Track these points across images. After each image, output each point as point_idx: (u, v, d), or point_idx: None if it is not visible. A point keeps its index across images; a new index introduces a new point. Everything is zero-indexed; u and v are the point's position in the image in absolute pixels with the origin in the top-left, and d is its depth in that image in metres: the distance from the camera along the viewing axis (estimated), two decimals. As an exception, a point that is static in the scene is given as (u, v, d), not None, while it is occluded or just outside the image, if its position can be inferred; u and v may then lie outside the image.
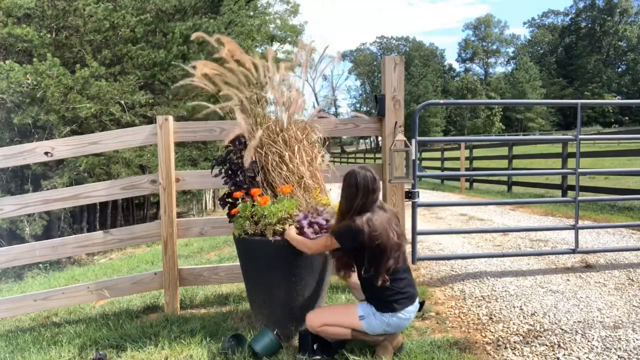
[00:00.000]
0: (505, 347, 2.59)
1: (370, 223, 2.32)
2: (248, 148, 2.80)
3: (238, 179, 2.87)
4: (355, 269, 2.52)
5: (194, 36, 3.06)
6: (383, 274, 2.33)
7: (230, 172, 2.91)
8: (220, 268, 3.59)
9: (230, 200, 2.90)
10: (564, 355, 2.46)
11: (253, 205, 2.67)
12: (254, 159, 2.85)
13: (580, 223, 4.34)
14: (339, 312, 2.48)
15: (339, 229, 2.41)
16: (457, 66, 77.49)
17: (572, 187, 8.72)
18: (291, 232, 2.59)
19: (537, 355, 2.48)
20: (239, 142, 2.90)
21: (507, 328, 2.85)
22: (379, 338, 2.44)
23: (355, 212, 2.37)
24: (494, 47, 74.53)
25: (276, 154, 2.87)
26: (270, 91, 2.90)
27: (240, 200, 2.82)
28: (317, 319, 2.45)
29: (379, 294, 2.39)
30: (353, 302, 3.35)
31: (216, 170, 2.98)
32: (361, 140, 64.38)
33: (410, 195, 3.67)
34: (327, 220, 2.71)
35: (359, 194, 2.38)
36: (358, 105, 73.24)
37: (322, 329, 2.43)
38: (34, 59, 8.44)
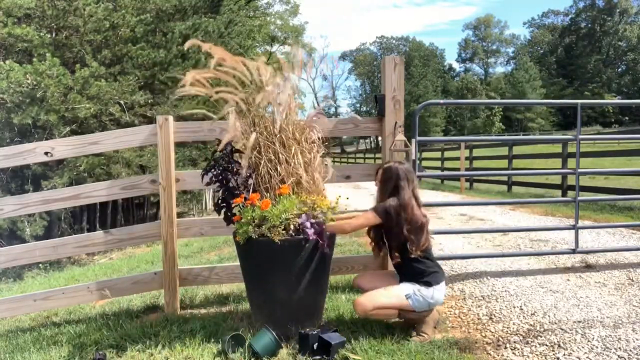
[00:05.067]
0: (505, 347, 2.59)
1: (413, 200, 2.74)
2: (246, 151, 2.79)
3: (230, 184, 2.86)
4: (388, 252, 2.90)
5: (187, 44, 3.06)
6: (421, 247, 2.71)
7: (221, 177, 2.89)
8: (220, 268, 3.59)
9: (224, 205, 2.89)
10: (564, 355, 2.46)
11: (254, 210, 2.66)
12: (247, 162, 2.84)
13: (580, 223, 4.34)
14: (389, 295, 2.69)
15: (385, 204, 2.72)
16: (457, 66, 77.58)
17: (572, 187, 8.72)
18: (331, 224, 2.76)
19: (537, 355, 2.48)
20: (228, 146, 2.87)
21: (507, 328, 2.85)
22: (422, 314, 2.72)
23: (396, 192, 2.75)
24: (494, 47, 74.53)
25: (272, 156, 2.86)
26: (265, 93, 2.88)
27: (240, 206, 2.81)
28: (370, 303, 2.64)
29: (419, 270, 2.72)
30: (353, 301, 3.35)
31: (207, 178, 2.96)
32: (361, 140, 64.40)
33: (410, 195, 3.66)
34: (324, 220, 2.72)
35: (400, 182, 2.76)
36: (358, 105, 73.28)
37: (374, 312, 2.66)
38: (34, 59, 8.44)
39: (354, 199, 10.58)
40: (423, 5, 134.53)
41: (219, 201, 2.90)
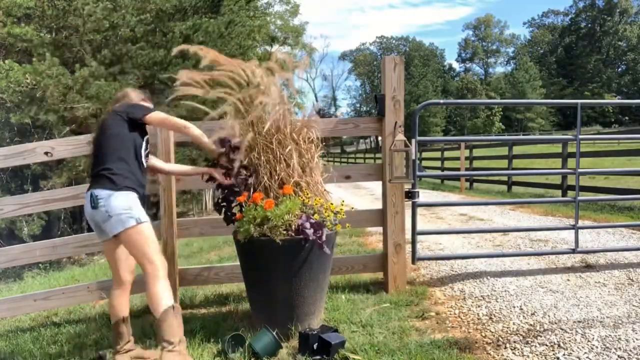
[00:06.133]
0: (505, 347, 2.59)
1: None
2: (240, 151, 2.79)
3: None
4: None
5: (175, 50, 3.09)
6: None
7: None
8: (219, 268, 3.59)
9: (224, 205, 2.89)
10: (564, 355, 2.46)
11: (256, 209, 2.66)
12: (246, 162, 2.84)
13: (580, 223, 4.34)
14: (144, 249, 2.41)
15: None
16: (457, 66, 77.58)
17: (572, 187, 8.71)
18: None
19: (537, 355, 2.48)
20: (228, 146, 2.87)
21: (507, 328, 2.85)
22: None
23: None
24: (494, 47, 74.52)
25: (271, 156, 2.86)
26: (261, 93, 2.87)
27: (241, 205, 2.80)
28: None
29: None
30: (353, 301, 3.35)
31: (207, 177, 2.96)
32: (361, 140, 64.42)
33: (410, 195, 3.67)
34: (323, 220, 2.72)
35: None
36: (358, 105, 73.36)
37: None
38: (34, 59, 8.45)
39: (354, 199, 10.58)
40: (419, 5, 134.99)
41: (219, 200, 2.90)
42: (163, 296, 2.32)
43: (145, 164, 2.61)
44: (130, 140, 2.50)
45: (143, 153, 2.58)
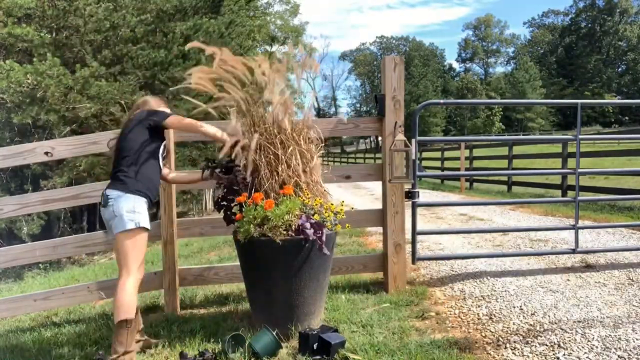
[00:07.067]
0: (505, 347, 2.59)
1: None
2: (249, 152, 2.79)
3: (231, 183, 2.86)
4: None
5: (188, 46, 3.13)
6: None
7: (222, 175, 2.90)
8: (220, 268, 3.59)
9: (224, 204, 2.89)
10: (564, 355, 2.46)
11: (256, 209, 2.66)
12: (251, 164, 2.84)
13: (580, 223, 4.34)
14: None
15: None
16: (457, 66, 77.57)
17: (572, 187, 8.71)
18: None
19: (537, 354, 2.48)
20: (240, 179, 2.87)
21: (507, 328, 2.85)
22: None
23: None
24: (494, 47, 74.51)
25: (272, 156, 2.86)
26: (266, 93, 2.87)
27: (241, 205, 2.80)
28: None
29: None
30: (353, 301, 3.36)
31: (207, 173, 2.96)
32: (361, 140, 64.42)
33: (410, 195, 3.67)
34: (323, 220, 2.72)
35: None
36: (358, 105, 73.38)
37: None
38: (34, 59, 8.45)
39: (354, 199, 10.58)
40: (417, 6, 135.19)
41: (219, 200, 2.90)
42: (126, 308, 2.45)
43: (162, 168, 2.77)
44: (150, 145, 2.65)
45: (160, 157, 2.73)
